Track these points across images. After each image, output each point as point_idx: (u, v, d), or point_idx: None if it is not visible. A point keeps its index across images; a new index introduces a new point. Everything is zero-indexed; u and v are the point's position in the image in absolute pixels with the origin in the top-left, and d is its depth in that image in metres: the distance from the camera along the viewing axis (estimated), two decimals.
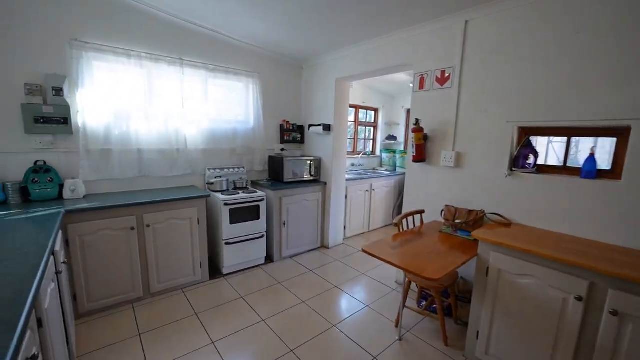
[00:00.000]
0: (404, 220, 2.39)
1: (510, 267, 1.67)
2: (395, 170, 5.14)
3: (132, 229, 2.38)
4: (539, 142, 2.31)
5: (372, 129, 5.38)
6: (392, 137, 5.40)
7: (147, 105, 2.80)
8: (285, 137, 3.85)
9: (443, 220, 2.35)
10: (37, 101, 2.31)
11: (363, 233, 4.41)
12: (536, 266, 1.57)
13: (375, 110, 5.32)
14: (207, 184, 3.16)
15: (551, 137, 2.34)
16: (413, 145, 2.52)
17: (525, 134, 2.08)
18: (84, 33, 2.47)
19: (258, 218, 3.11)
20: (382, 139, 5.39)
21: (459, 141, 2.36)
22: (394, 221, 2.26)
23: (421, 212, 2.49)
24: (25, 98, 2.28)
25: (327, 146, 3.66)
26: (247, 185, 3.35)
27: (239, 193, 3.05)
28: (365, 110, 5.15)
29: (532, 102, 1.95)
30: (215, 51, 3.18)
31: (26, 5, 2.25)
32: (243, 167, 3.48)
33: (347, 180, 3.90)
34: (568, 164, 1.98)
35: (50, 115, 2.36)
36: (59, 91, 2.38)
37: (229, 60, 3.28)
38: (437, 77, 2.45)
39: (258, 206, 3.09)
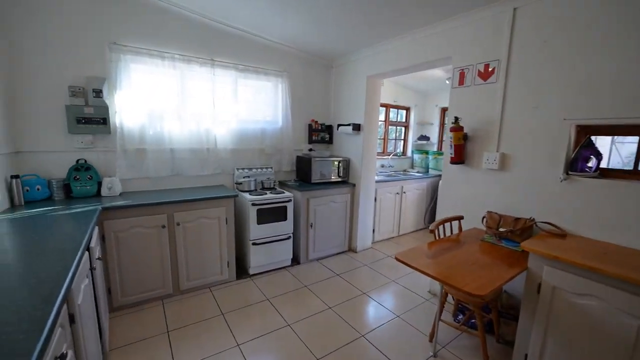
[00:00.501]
0: (440, 227, 2.21)
1: (567, 285, 1.46)
2: (427, 172, 4.89)
3: (163, 227, 2.42)
4: (599, 143, 2.04)
5: (403, 128, 5.17)
6: (424, 138, 5.15)
7: (180, 105, 2.86)
8: (314, 137, 3.78)
9: (485, 228, 2.15)
10: (79, 102, 2.43)
11: (392, 237, 4.23)
12: (601, 285, 1.35)
13: (407, 109, 5.10)
14: (236, 183, 3.17)
15: (616, 137, 2.05)
16: (451, 146, 2.33)
17: (586, 133, 1.83)
18: (122, 36, 2.56)
19: (285, 219, 3.06)
20: (413, 139, 5.16)
21: (505, 141, 2.15)
22: (430, 227, 2.09)
23: (459, 218, 2.30)
24: (69, 100, 2.40)
25: (356, 146, 3.54)
26: (274, 185, 3.32)
27: (266, 193, 3.02)
28: (396, 109, 4.95)
29: (596, 97, 1.71)
30: (245, 51, 3.18)
31: (71, 13, 2.36)
32: (271, 167, 3.46)
33: (377, 181, 3.76)
34: None
35: (91, 116, 2.47)
36: (98, 93, 2.48)
37: (258, 60, 3.27)
38: (479, 71, 2.25)
39: (285, 207, 3.04)
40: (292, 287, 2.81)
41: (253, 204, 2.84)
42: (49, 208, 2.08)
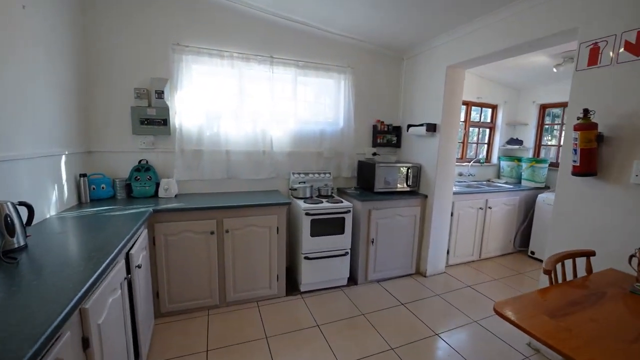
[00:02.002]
0: (557, 264, 1.56)
1: None
2: (519, 183, 3.99)
3: (212, 233, 2.27)
4: None
5: (487, 130, 4.34)
6: (516, 141, 4.24)
7: (237, 105, 2.73)
8: (378, 140, 3.34)
9: (635, 273, 1.44)
10: (143, 104, 2.45)
11: (472, 262, 3.49)
12: None
13: (494, 108, 4.27)
14: (290, 189, 2.91)
15: None
16: (575, 151, 1.67)
17: None
18: (183, 37, 2.53)
19: (342, 232, 2.68)
20: (500, 143, 4.29)
21: None
22: (544, 267, 1.48)
23: (589, 254, 1.61)
24: (134, 101, 2.43)
25: (430, 151, 2.98)
26: (332, 193, 2.98)
27: (322, 202, 2.69)
28: (479, 108, 4.18)
29: None
30: (305, 46, 2.92)
31: (138, 17, 2.40)
32: (329, 173, 3.13)
33: (454, 193, 3.12)
34: None
35: (153, 117, 2.47)
36: (160, 94, 2.47)
37: (319, 56, 2.99)
38: (628, 43, 1.55)
39: (343, 218, 2.67)
40: (346, 312, 2.41)
41: (307, 214, 2.53)
42: (105, 208, 2.08)
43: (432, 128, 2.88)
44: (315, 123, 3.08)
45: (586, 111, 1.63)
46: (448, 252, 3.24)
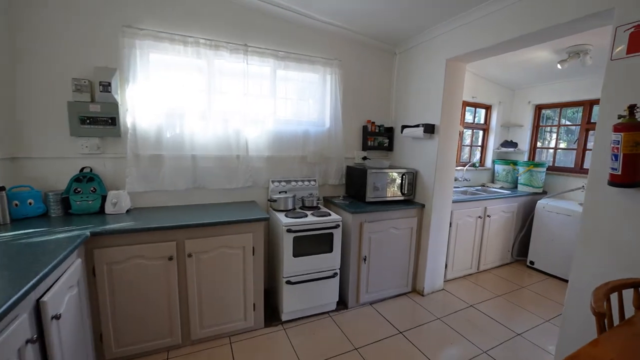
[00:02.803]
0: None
1: None
2: (515, 188, 3.76)
3: (170, 258, 1.84)
4: None
5: (481, 132, 4.10)
6: (510, 144, 4.02)
7: (205, 102, 2.31)
8: (369, 143, 2.99)
9: None
10: (84, 98, 1.98)
11: (470, 275, 3.21)
12: None
13: (488, 108, 4.03)
14: (269, 200, 2.50)
15: None
16: (615, 156, 1.36)
17: None
18: (138, 18, 2.08)
19: (331, 250, 2.31)
20: (494, 145, 4.06)
21: None
22: (595, 307, 1.15)
23: (638, 283, 1.31)
24: (72, 95, 1.96)
25: (427, 155, 2.66)
26: (318, 203, 2.60)
27: (307, 215, 2.31)
28: (472, 108, 3.93)
29: None
30: (285, 34, 2.53)
31: None
32: (314, 180, 2.74)
33: (453, 202, 2.81)
34: None
35: (97, 115, 2.01)
36: (106, 86, 2.01)
37: (302, 45, 2.60)
38: None
39: (331, 234, 2.29)
40: (336, 347, 2.04)
41: (289, 230, 2.14)
42: (26, 231, 1.61)
43: (430, 129, 2.56)
44: (298, 123, 2.69)
45: (632, 108, 1.33)
46: (446, 267, 2.93)
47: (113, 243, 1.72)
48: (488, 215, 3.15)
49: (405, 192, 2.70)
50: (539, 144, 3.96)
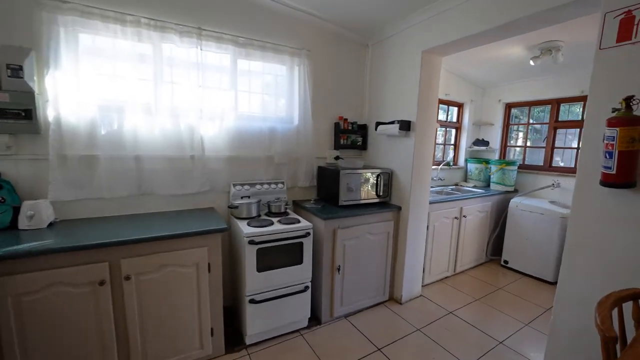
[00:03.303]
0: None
1: None
2: (488, 187, 3.73)
3: (102, 283, 1.49)
4: None
5: (453, 130, 4.04)
6: (482, 142, 4.00)
7: (150, 94, 1.97)
8: (342, 141, 2.78)
9: None
10: None
11: (447, 277, 3.10)
12: None
13: (460, 106, 3.98)
14: (229, 207, 2.19)
15: None
16: (610, 154, 1.24)
17: None
18: None
19: (301, 262, 2.06)
20: (467, 144, 4.02)
21: None
22: (601, 326, 0.99)
23: (638, 294, 1.19)
24: None
25: (403, 154, 2.49)
26: (286, 209, 2.34)
27: (273, 222, 2.04)
28: (445, 106, 3.85)
29: None
30: (246, 17, 2.25)
31: None
32: (282, 183, 2.48)
33: (430, 202, 2.67)
34: None
35: (6, 106, 1.61)
36: (17, 70, 1.61)
37: (266, 31, 2.33)
38: None
39: (301, 244, 2.04)
40: None
41: (251, 242, 1.86)
42: None
43: (406, 126, 2.39)
44: (263, 120, 2.41)
45: (629, 100, 1.20)
46: (423, 271, 2.79)
47: (22, 268, 1.35)
48: (464, 216, 3.06)
49: (381, 193, 2.51)
50: (509, 142, 3.98)
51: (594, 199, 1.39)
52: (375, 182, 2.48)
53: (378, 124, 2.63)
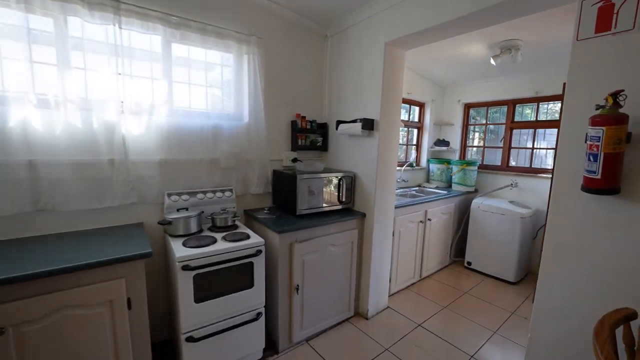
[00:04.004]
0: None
1: None
2: (450, 187, 3.70)
3: None
4: None
5: (415, 130, 3.96)
6: (442, 142, 3.97)
7: (51, 82, 1.52)
8: (300, 141, 2.50)
9: None
10: None
11: (413, 284, 2.96)
12: None
13: (421, 106, 3.91)
14: (160, 223, 1.79)
15: None
16: (594, 156, 1.10)
17: None
18: None
19: (251, 285, 1.73)
20: (429, 144, 3.97)
21: None
22: (600, 355, 0.82)
23: (630, 315, 1.05)
24: None
25: (367, 155, 2.27)
26: (235, 221, 1.99)
27: (215, 240, 1.69)
28: (407, 105, 3.75)
29: None
30: None
31: None
32: (230, 190, 2.13)
33: (395, 207, 2.49)
34: None
35: None
36: None
37: (208, 12, 1.97)
38: None
39: (251, 264, 1.72)
40: None
41: (185, 267, 1.49)
42: None
43: (369, 125, 2.17)
44: (206, 116, 2.04)
45: (616, 95, 1.07)
46: (390, 280, 2.61)
47: None
48: (429, 219, 2.94)
49: (344, 199, 2.27)
50: (468, 143, 3.99)
51: (574, 205, 1.25)
52: (337, 187, 2.23)
53: (339, 122, 2.39)
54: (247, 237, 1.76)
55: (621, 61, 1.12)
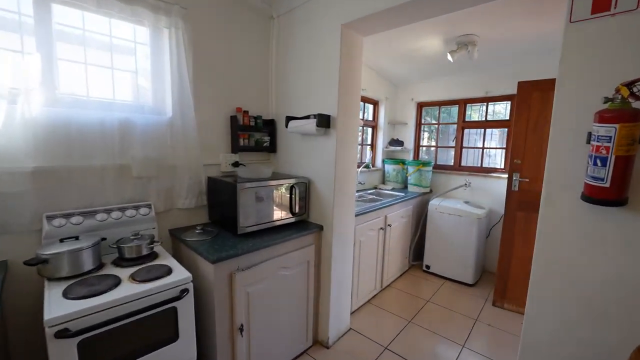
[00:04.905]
0: None
1: None
2: (405, 188, 3.57)
3: None
4: None
5: (370, 129, 3.77)
6: (397, 142, 3.84)
7: None
8: (242, 142, 2.07)
9: None
10: None
11: (375, 296, 2.73)
12: None
13: (375, 104, 3.72)
14: (29, 264, 1.21)
15: None
16: (603, 160, 0.90)
17: None
18: None
19: (176, 338, 1.27)
20: (384, 144, 3.81)
21: None
22: None
23: None
24: None
25: (323, 157, 1.94)
26: (152, 249, 1.49)
27: (119, 282, 1.20)
28: (361, 103, 3.52)
29: None
30: None
31: None
32: (148, 206, 1.62)
33: (355, 215, 2.21)
34: None
35: None
36: None
37: None
38: None
39: (174, 310, 1.26)
40: None
41: (61, 334, 0.99)
42: None
43: (324, 122, 1.84)
44: (109, 107, 1.51)
45: (631, 85, 0.87)
46: (351, 296, 2.32)
47: None
48: (389, 225, 2.73)
49: (297, 210, 1.91)
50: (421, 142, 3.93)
51: (570, 218, 1.07)
52: (289, 195, 1.86)
53: (289, 119, 2.02)
54: (168, 271, 1.30)
55: (623, 46, 0.95)
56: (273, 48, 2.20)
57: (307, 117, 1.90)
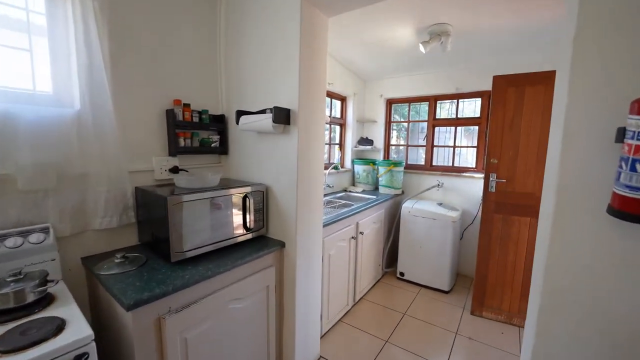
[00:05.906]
0: None
1: None
2: (376, 190, 3.37)
3: None
4: None
5: (338, 127, 3.51)
6: (366, 141, 3.62)
7: None
8: (183, 142, 1.68)
9: None
10: None
11: (347, 313, 2.46)
12: None
13: (343, 100, 3.47)
14: None
15: None
16: (628, 160, 0.68)
17: None
18: None
19: None
20: (352, 143, 3.57)
21: None
22: None
23: None
24: None
25: (282, 158, 1.62)
26: (45, 290, 1.07)
27: None
28: (328, 99, 3.25)
29: None
30: None
31: None
32: (45, 230, 1.19)
33: (323, 225, 1.91)
34: None
35: None
36: None
37: None
38: None
39: None
40: None
41: None
42: None
43: (283, 118, 1.52)
44: None
45: None
46: (321, 318, 2.03)
47: None
48: (361, 232, 2.48)
49: (252, 225, 1.58)
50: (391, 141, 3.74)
51: (590, 235, 0.85)
52: (242, 208, 1.52)
53: (240, 113, 1.67)
54: (58, 329, 0.91)
55: None
56: (221, 27, 1.83)
57: (263, 112, 1.56)
